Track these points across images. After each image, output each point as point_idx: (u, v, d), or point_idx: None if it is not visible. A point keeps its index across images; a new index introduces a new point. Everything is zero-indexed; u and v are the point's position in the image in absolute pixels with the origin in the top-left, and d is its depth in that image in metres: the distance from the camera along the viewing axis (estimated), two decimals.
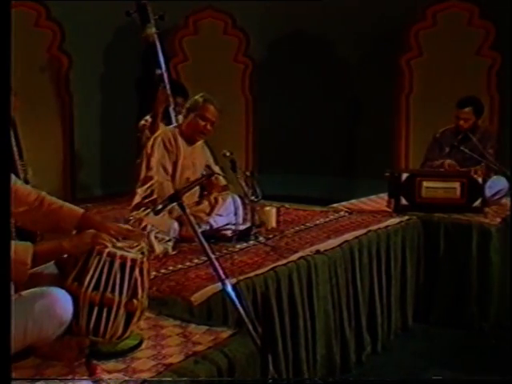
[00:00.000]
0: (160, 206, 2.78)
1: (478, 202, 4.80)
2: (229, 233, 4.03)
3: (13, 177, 2.57)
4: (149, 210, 3.82)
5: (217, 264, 2.58)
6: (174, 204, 2.77)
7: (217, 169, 4.43)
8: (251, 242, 3.97)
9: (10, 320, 1.94)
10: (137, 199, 4.12)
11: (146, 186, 4.11)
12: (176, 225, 3.89)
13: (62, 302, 2.23)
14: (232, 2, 7.46)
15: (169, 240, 3.80)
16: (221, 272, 2.56)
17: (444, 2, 7.06)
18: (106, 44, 7.56)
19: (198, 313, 2.96)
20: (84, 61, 7.10)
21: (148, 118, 5.27)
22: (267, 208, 4.33)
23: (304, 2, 7.87)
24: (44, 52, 6.83)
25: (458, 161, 5.18)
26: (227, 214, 4.24)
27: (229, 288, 2.53)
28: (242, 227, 4.07)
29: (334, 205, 5.29)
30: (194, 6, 7.49)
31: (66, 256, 2.43)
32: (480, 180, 4.80)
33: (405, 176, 4.87)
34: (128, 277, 2.32)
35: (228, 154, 4.16)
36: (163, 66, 5.53)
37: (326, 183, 8.00)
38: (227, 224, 4.17)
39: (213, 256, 2.60)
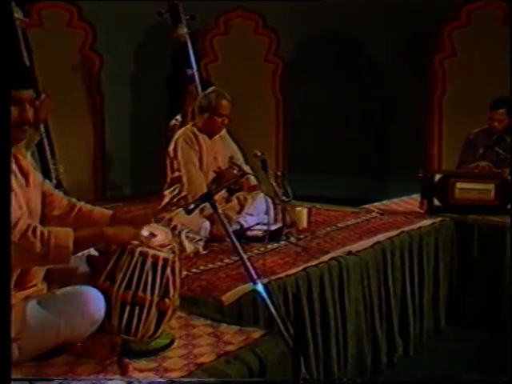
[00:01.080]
0: (192, 206, 2.78)
1: None
2: (260, 233, 4.03)
3: (47, 181, 2.65)
4: (179, 209, 3.83)
5: (248, 264, 2.57)
6: (206, 204, 2.77)
7: (247, 168, 4.43)
8: (282, 243, 3.96)
9: (10, 320, 1.94)
10: (165, 201, 4.25)
11: (173, 188, 4.19)
12: (207, 224, 3.90)
13: (94, 300, 2.25)
14: (263, 1, 7.45)
15: (200, 239, 3.81)
16: (252, 272, 2.55)
17: (478, 1, 6.97)
18: (137, 44, 7.60)
19: (229, 313, 2.96)
20: (115, 61, 7.14)
21: (179, 117, 5.29)
22: (298, 208, 4.30)
23: (335, 2, 7.82)
24: (76, 52, 6.88)
25: (492, 162, 5.09)
26: (258, 213, 4.25)
27: (260, 288, 2.51)
28: (273, 227, 4.06)
29: (366, 205, 5.23)
30: (225, 5, 7.48)
31: (97, 255, 2.44)
32: None
33: (438, 177, 4.80)
34: (160, 276, 2.33)
35: (259, 153, 4.16)
36: (194, 65, 5.55)
37: (358, 184, 7.93)
38: (257, 224, 4.18)
39: (244, 256, 2.59)
